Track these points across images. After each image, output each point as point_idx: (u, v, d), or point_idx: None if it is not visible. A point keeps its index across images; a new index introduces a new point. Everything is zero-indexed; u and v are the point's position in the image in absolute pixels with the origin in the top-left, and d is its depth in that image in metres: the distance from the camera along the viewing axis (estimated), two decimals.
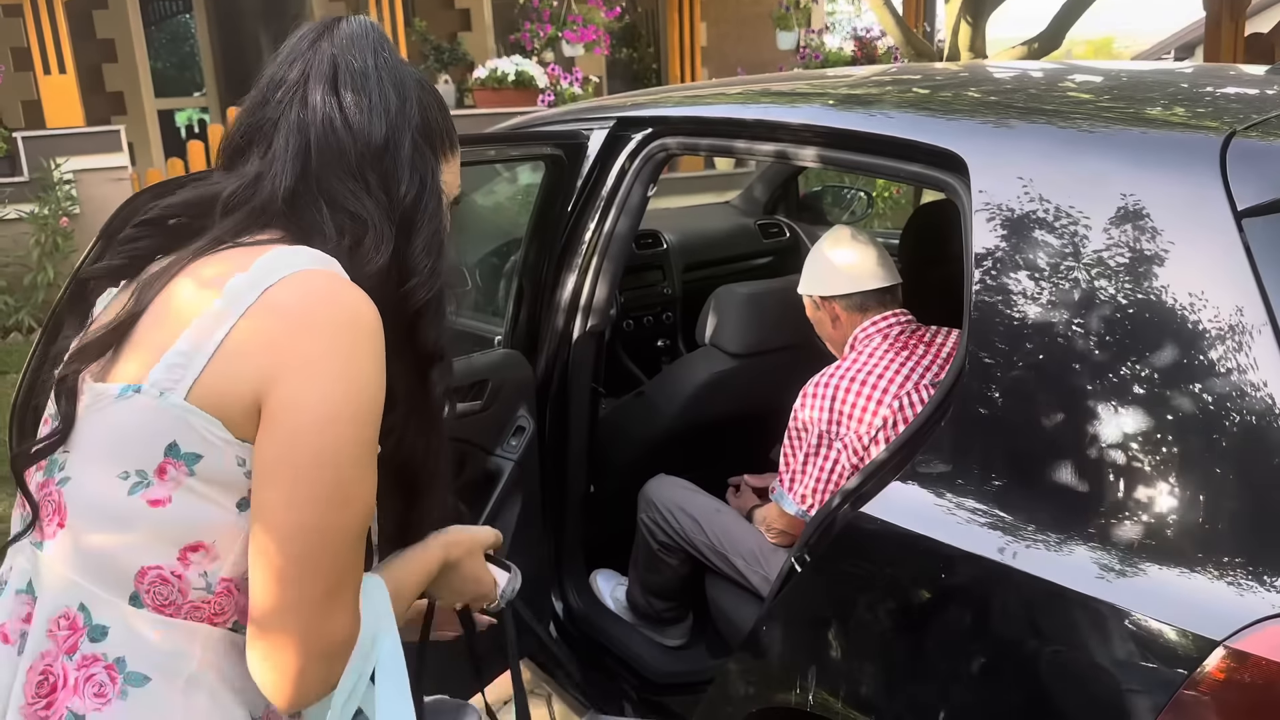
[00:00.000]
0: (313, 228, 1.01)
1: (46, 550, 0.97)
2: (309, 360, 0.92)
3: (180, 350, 0.93)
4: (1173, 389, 1.22)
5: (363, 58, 1.07)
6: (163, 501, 0.93)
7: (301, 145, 1.03)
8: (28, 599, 0.98)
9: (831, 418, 1.95)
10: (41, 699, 0.95)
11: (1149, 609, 1.18)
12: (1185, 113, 1.46)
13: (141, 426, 0.93)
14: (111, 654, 0.95)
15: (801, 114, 1.88)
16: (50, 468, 0.99)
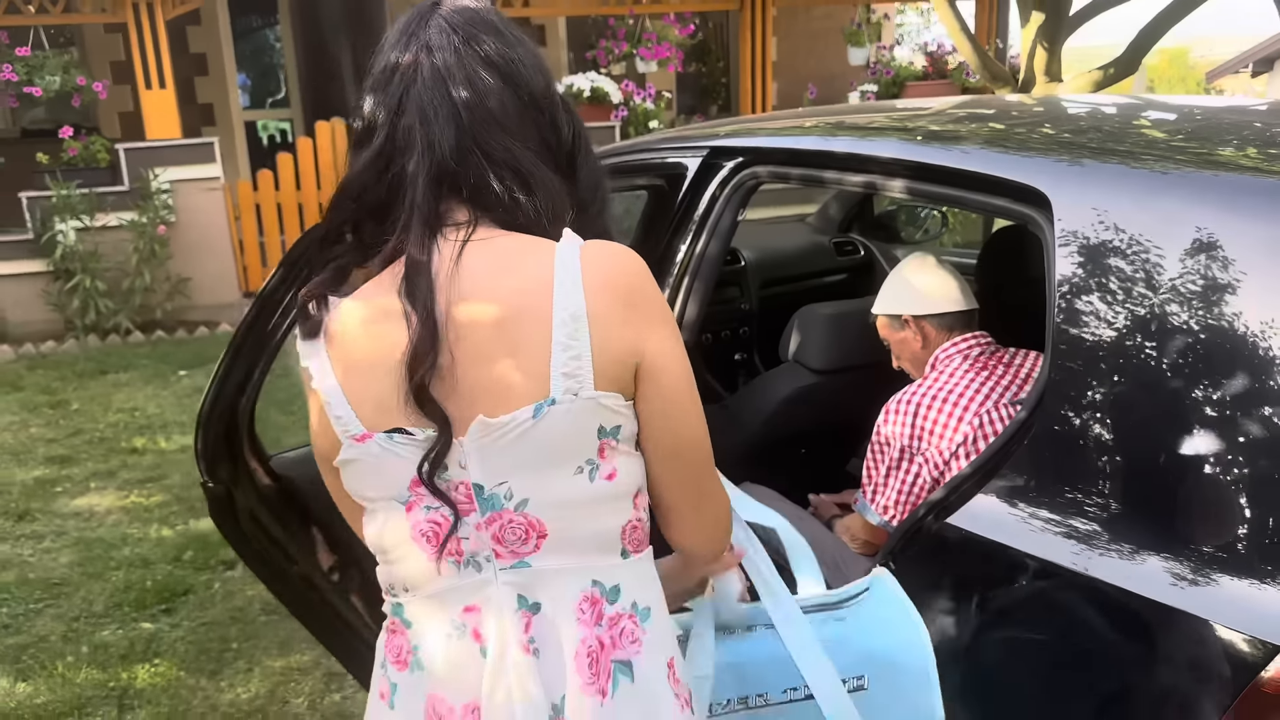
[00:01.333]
0: (489, 193, 1.08)
1: (538, 563, 1.09)
2: (653, 321, 1.09)
3: (569, 355, 1.04)
4: (1243, 412, 1.33)
5: (486, 16, 1.13)
6: (614, 473, 1.09)
7: (449, 109, 1.07)
8: (523, 613, 1.09)
9: (914, 433, 2.07)
10: (591, 672, 1.09)
11: (1217, 615, 1.28)
12: (1257, 155, 1.56)
13: (573, 427, 1.06)
14: (627, 605, 1.12)
15: (887, 148, 2.00)
16: (490, 504, 1.07)
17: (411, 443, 1.07)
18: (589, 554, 1.10)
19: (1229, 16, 8.32)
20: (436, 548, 1.09)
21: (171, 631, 3.39)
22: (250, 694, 3.01)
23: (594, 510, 1.09)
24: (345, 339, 1.10)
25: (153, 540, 4.07)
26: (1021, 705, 1.49)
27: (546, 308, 1.04)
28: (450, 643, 1.11)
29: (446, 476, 1.07)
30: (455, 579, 1.11)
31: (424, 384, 1.03)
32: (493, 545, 1.09)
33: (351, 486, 1.14)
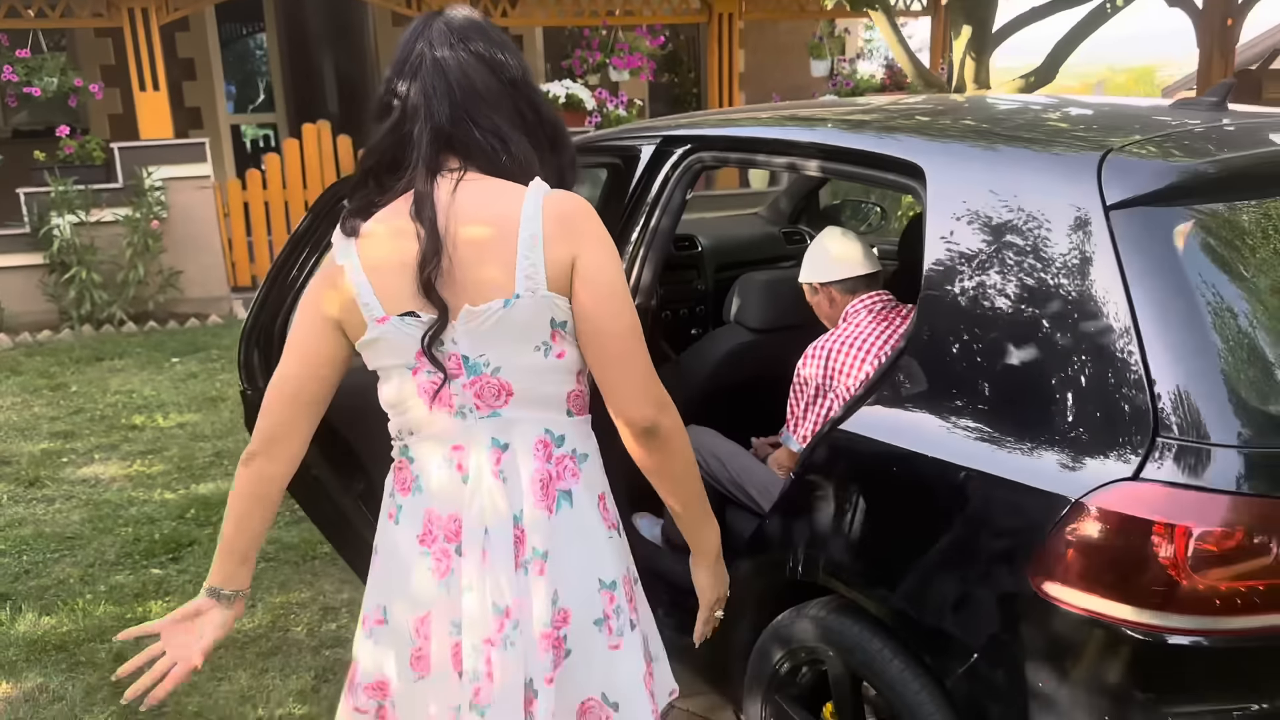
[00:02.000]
0: (475, 147, 1.45)
1: (506, 414, 1.49)
2: (588, 242, 1.46)
3: (528, 263, 1.42)
4: (1054, 330, 1.74)
5: (474, 20, 1.52)
6: (563, 354, 1.50)
7: (446, 88, 1.45)
8: (496, 450, 1.49)
9: (826, 373, 2.48)
10: (541, 495, 1.50)
11: (1029, 479, 1.69)
12: (1080, 135, 1.98)
13: (532, 315, 1.45)
14: (568, 449, 1.54)
15: (809, 134, 2.41)
16: (474, 370, 1.47)
17: (418, 323, 1.46)
18: (543, 409, 1.51)
19: (1191, 42, 8.90)
20: (433, 398, 1.49)
21: (179, 575, 3.74)
22: (254, 624, 3.37)
23: (547, 378, 1.50)
24: (370, 246, 1.48)
25: (156, 502, 4.41)
26: (889, 561, 1.89)
27: (515, 230, 1.43)
28: (441, 471, 1.52)
29: (442, 349, 1.46)
30: (447, 424, 1.51)
31: (430, 280, 1.42)
32: (474, 400, 1.49)
33: (371, 360, 1.53)
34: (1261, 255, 1.79)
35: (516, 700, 1.49)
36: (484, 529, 1.49)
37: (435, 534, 1.52)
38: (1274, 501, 1.55)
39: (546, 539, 1.50)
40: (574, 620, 1.53)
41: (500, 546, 1.49)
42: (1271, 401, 1.61)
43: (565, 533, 1.52)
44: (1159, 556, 1.56)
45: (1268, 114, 2.23)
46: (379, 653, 1.62)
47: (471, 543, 1.49)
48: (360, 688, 1.65)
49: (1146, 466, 1.59)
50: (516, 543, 1.50)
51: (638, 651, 1.60)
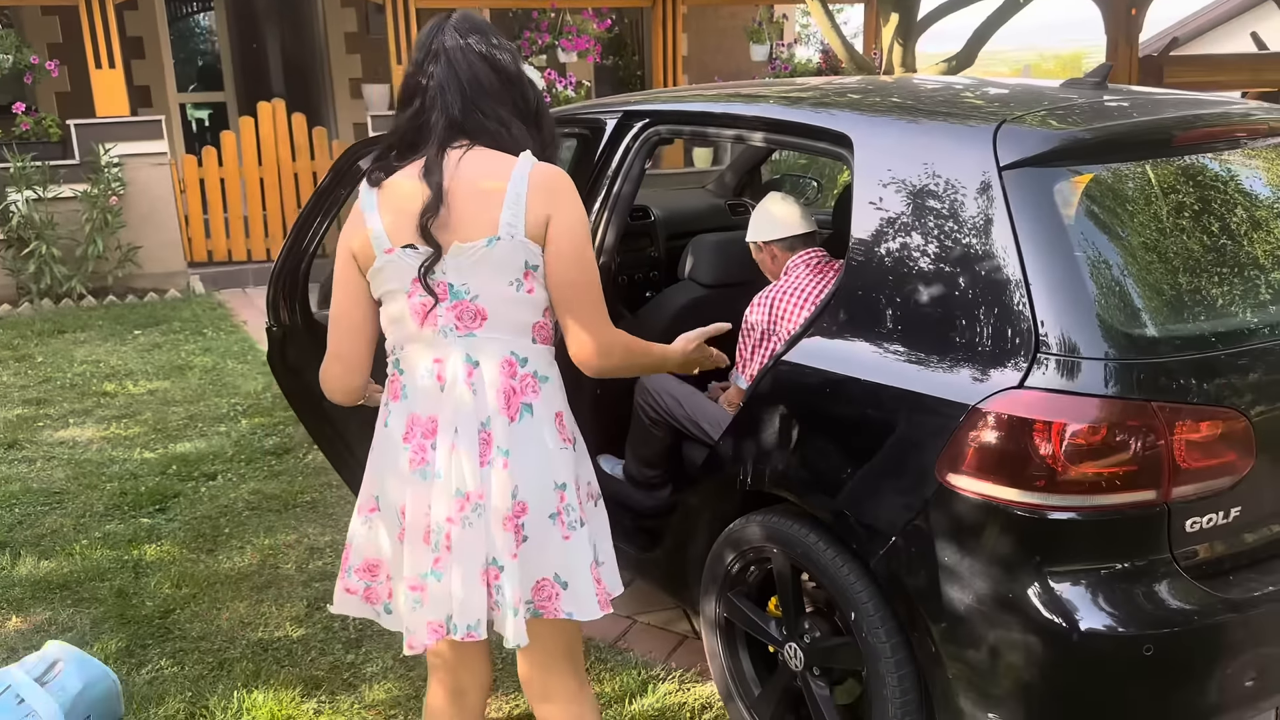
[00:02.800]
0: (482, 132, 1.80)
1: (480, 335, 1.79)
2: (563, 204, 1.79)
3: (511, 213, 1.75)
4: (957, 269, 2.10)
5: (479, 27, 1.85)
6: (532, 290, 1.80)
7: (458, 85, 1.79)
8: (468, 365, 1.79)
9: (770, 319, 2.83)
10: (506, 405, 1.80)
11: (937, 391, 2.05)
12: (982, 109, 2.34)
13: (509, 255, 1.76)
14: (532, 370, 1.83)
15: (753, 109, 2.76)
16: (456, 295, 1.77)
17: (416, 255, 1.78)
18: (511, 334, 1.82)
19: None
20: (422, 318, 1.81)
21: (168, 524, 3.99)
22: (246, 563, 3.64)
23: (517, 308, 1.81)
24: (386, 197, 1.82)
25: (137, 460, 4.63)
26: (823, 469, 2.25)
27: (505, 188, 1.77)
28: (424, 379, 1.83)
29: (434, 277, 1.78)
30: (431, 340, 1.82)
31: (426, 224, 1.76)
32: (455, 321, 1.80)
33: (377, 286, 1.83)
34: (1130, 209, 2.17)
35: (473, 571, 1.78)
36: (454, 428, 1.78)
37: (415, 431, 1.82)
38: (1133, 402, 1.92)
39: (508, 440, 1.79)
40: (531, 511, 1.80)
41: (467, 442, 1.78)
42: (1132, 324, 1.99)
43: (524, 437, 1.81)
44: (1040, 449, 1.93)
45: (1142, 92, 2.62)
46: (372, 535, 1.93)
47: (444, 438, 1.79)
48: (352, 570, 1.96)
49: (1030, 376, 1.96)
50: (483, 443, 1.78)
51: (585, 545, 1.87)
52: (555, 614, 1.87)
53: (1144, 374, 1.95)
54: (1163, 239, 2.14)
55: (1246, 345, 2.05)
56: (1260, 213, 2.32)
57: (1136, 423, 1.93)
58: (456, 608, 1.81)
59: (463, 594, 1.80)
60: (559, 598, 1.86)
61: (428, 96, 1.81)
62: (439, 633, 1.83)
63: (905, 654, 2.15)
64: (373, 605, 1.97)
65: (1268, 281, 2.19)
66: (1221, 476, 2.00)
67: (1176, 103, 2.46)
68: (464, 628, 1.81)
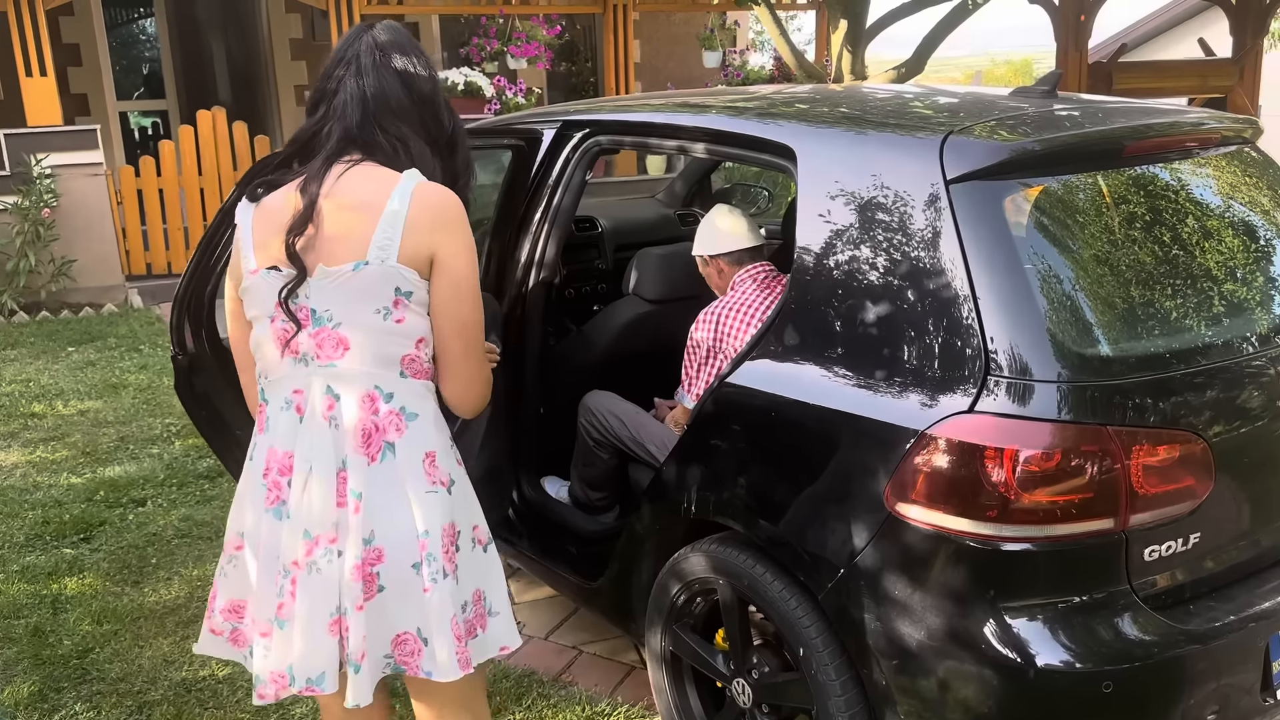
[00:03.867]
0: (377, 148, 1.69)
1: (341, 365, 1.65)
2: (449, 234, 1.66)
3: (384, 236, 1.62)
4: (903, 288, 2.00)
5: (400, 41, 1.76)
6: (402, 319, 1.66)
7: (360, 97, 1.70)
8: (328, 398, 1.67)
9: (716, 336, 2.72)
10: (364, 443, 1.67)
11: (884, 415, 1.95)
12: (929, 119, 2.25)
13: (378, 282, 1.63)
14: (397, 406, 1.68)
15: (695, 119, 2.65)
16: (319, 322, 1.65)
17: (279, 277, 1.66)
18: (376, 366, 1.67)
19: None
20: (283, 346, 1.69)
21: (92, 554, 3.80)
22: (172, 595, 3.46)
23: (383, 339, 1.66)
24: (262, 212, 1.71)
25: (63, 486, 4.43)
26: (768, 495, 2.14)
27: (381, 205, 1.64)
28: (284, 412, 1.71)
29: (297, 301, 1.66)
30: (292, 369, 1.69)
31: (292, 243, 1.64)
32: (316, 349, 1.67)
33: (246, 308, 1.73)
34: (1081, 222, 2.09)
35: (316, 620, 1.66)
36: (309, 465, 1.67)
37: (273, 468, 1.71)
38: (1087, 427, 1.84)
39: (364, 482, 1.66)
40: (389, 559, 1.67)
41: (322, 482, 1.66)
42: (1086, 344, 1.90)
43: (383, 479, 1.67)
44: (992, 477, 1.84)
45: (1092, 101, 2.55)
46: (237, 576, 1.80)
47: (298, 476, 1.67)
48: (218, 610, 1.84)
49: (980, 400, 1.87)
50: (341, 483, 1.66)
51: (446, 599, 1.69)
52: (416, 672, 1.73)
53: (1099, 396, 1.87)
54: (1116, 253, 2.07)
55: (1203, 363, 1.97)
56: (1213, 224, 2.25)
57: (1092, 448, 1.84)
58: (296, 658, 1.68)
59: (302, 644, 1.67)
60: (420, 654, 1.72)
61: (332, 105, 1.72)
62: (280, 684, 1.70)
63: (856, 691, 2.05)
64: (239, 649, 1.85)
65: (1222, 295, 2.12)
66: (1181, 502, 1.92)
67: (1127, 111, 2.38)
68: (303, 680, 1.68)
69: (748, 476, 2.22)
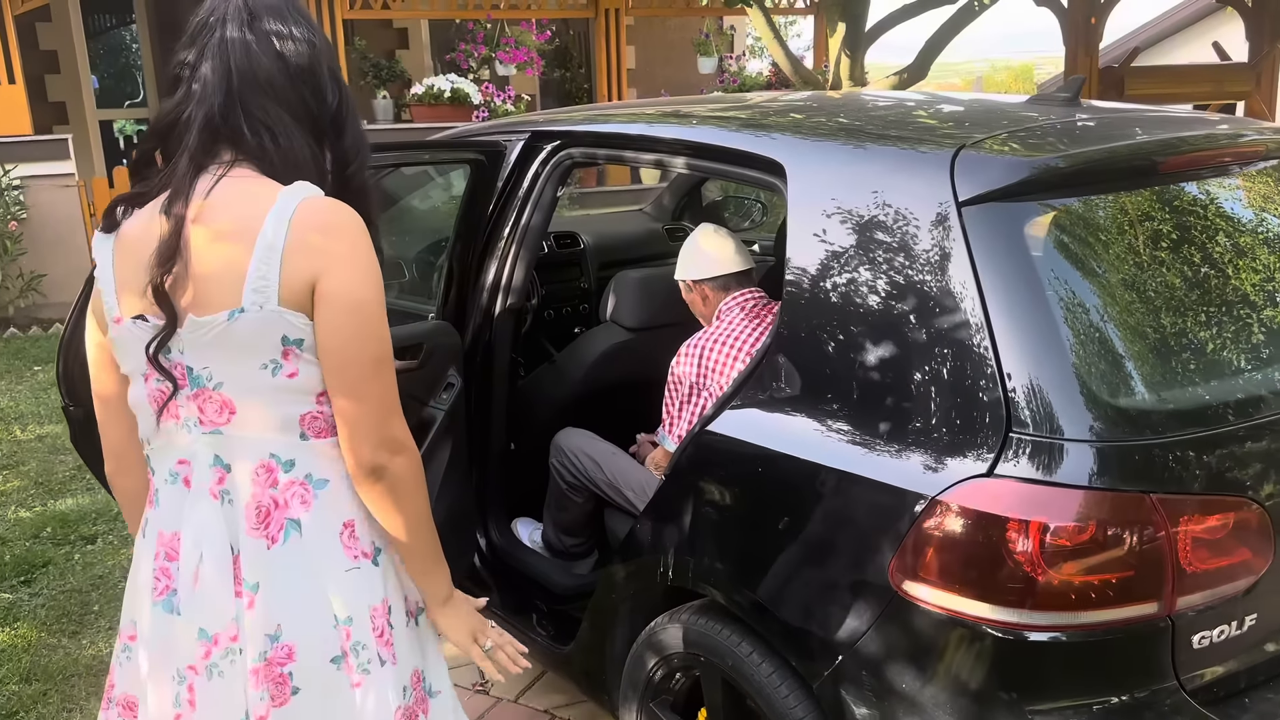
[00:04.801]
0: (240, 139, 1.37)
1: (229, 431, 1.38)
2: (335, 259, 1.35)
3: (258, 275, 1.32)
4: (910, 328, 1.72)
5: (274, 6, 1.42)
6: (295, 373, 1.37)
7: (224, 72, 1.37)
8: (217, 469, 1.40)
9: (700, 371, 2.44)
10: (261, 523, 1.40)
11: (888, 477, 1.67)
12: (937, 131, 1.97)
13: (259, 332, 1.34)
14: (301, 475, 1.41)
15: (675, 131, 2.37)
16: (197, 382, 1.38)
17: (148, 327, 1.38)
18: (269, 431, 1.39)
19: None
20: (160, 409, 1.42)
21: (31, 600, 3.51)
22: (107, 652, 3.18)
23: (275, 398, 1.38)
24: (124, 243, 1.40)
25: (10, 521, 4.14)
26: (759, 563, 1.86)
27: (255, 234, 1.32)
28: (167, 486, 1.45)
29: (170, 357, 1.39)
30: (173, 437, 1.43)
31: (161, 282, 1.33)
32: (198, 414, 1.40)
33: (120, 362, 1.45)
34: (1114, 250, 1.81)
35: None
36: (199, 551, 1.41)
37: (160, 552, 1.45)
38: (1126, 495, 1.56)
39: (262, 570, 1.40)
40: (301, 656, 1.41)
41: (215, 572, 1.40)
42: (1122, 394, 1.63)
43: (287, 565, 1.40)
44: (1015, 553, 1.56)
45: (1119, 109, 2.27)
46: (130, 669, 1.53)
47: (186, 564, 1.41)
48: (114, 702, 1.57)
49: (1001, 463, 1.59)
50: (236, 573, 1.40)
51: (386, 689, 1.46)
52: None
53: (1139, 457, 1.59)
54: (1154, 288, 1.79)
55: (1258, 415, 1.69)
56: (1263, 252, 1.97)
57: (1132, 519, 1.56)
58: None
59: None
60: None
61: (191, 85, 1.39)
62: None
63: None
64: None
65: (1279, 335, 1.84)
66: (1235, 579, 1.64)
67: (1158, 122, 2.11)
68: None
69: (731, 540, 1.94)
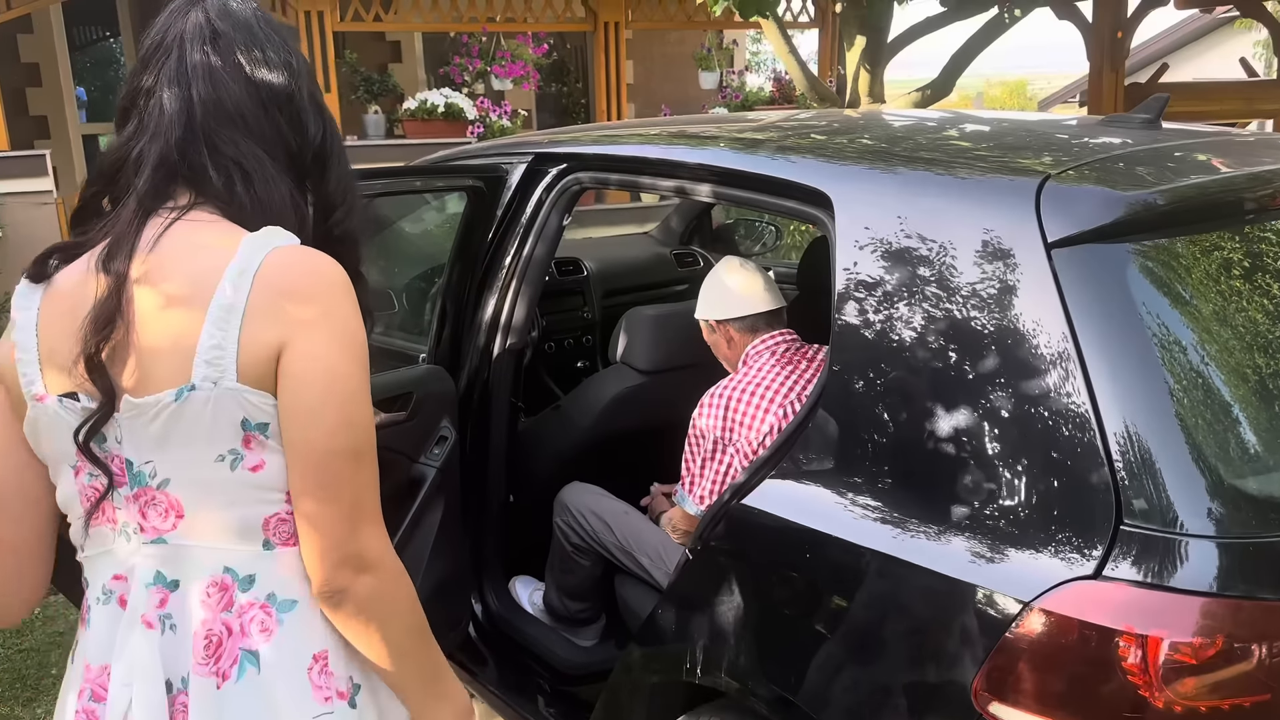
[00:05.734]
0: (204, 179, 1.13)
1: (174, 540, 1.12)
2: (306, 324, 1.08)
3: (212, 344, 1.06)
4: (992, 394, 1.45)
5: (243, 15, 1.19)
6: (260, 465, 1.10)
7: (184, 101, 1.13)
8: (158, 589, 1.13)
9: (726, 425, 2.16)
10: (211, 655, 1.12)
11: (971, 576, 1.40)
12: (1012, 158, 1.70)
13: (214, 416, 1.07)
14: (263, 595, 1.13)
15: (698, 155, 2.10)
16: (138, 479, 1.11)
17: (77, 409, 1.10)
18: (226, 539, 1.12)
19: (1068, 54, 9.07)
20: (97, 513, 1.14)
21: None
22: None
23: (234, 497, 1.11)
24: (55, 297, 1.13)
25: None
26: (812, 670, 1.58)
27: (209, 297, 1.07)
28: (100, 606, 1.17)
29: (106, 447, 1.12)
30: (108, 545, 1.16)
31: (96, 352, 1.07)
32: (139, 518, 1.13)
33: (36, 446, 1.17)
34: (1233, 302, 1.53)
35: None
36: (129, 693, 1.12)
37: (85, 690, 1.17)
38: (1262, 604, 1.28)
39: (211, 715, 1.12)
40: None
41: (148, 715, 1.11)
42: (1254, 482, 1.35)
43: (240, 710, 1.12)
44: (1127, 672, 1.29)
45: (1204, 131, 2.01)
46: None
47: (115, 708, 1.13)
48: None
49: (1110, 562, 1.31)
50: (178, 713, 1.13)
51: None
52: None
53: (1276, 555, 1.31)
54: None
55: None
56: None
57: (1269, 633, 1.29)
58: None
59: None
60: None
61: (144, 117, 1.14)
62: None
63: None
64: None
65: None
66: None
67: (1254, 145, 1.85)
68: None
69: (772, 639, 1.65)
